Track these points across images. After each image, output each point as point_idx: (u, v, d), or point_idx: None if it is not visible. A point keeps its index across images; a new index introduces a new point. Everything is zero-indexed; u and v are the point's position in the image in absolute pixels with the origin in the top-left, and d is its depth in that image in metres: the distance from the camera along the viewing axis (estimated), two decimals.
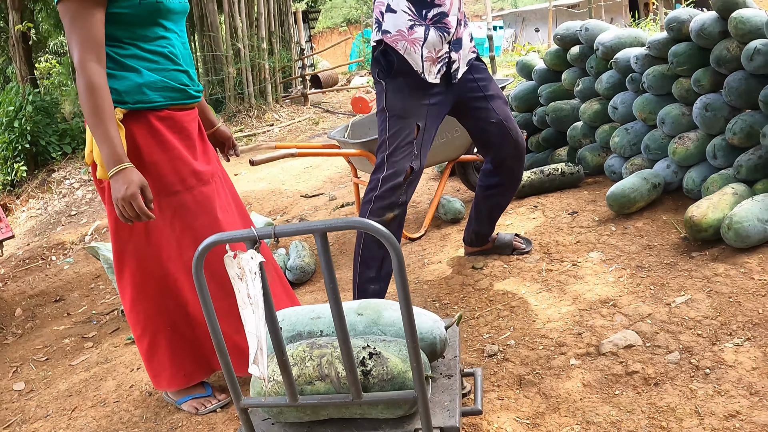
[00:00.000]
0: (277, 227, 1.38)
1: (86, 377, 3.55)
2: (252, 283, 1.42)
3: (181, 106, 2.63)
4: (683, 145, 3.95)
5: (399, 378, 1.68)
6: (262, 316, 1.43)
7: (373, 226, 1.36)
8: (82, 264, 6.36)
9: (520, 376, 2.60)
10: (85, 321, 4.66)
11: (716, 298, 2.83)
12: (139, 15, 2.45)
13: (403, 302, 1.39)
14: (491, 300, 3.25)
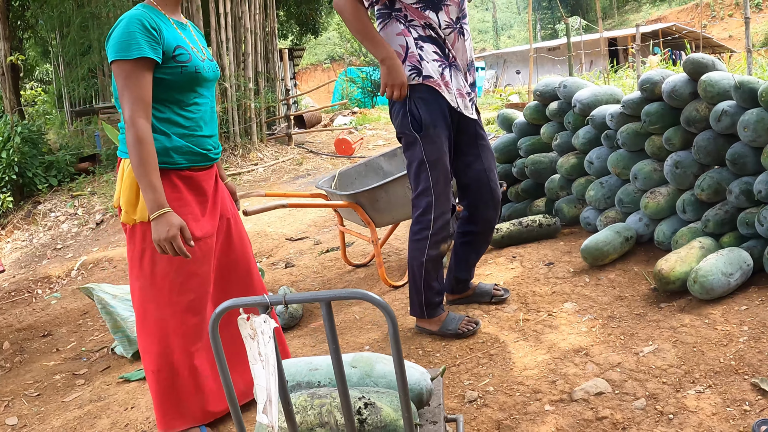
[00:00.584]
0: (288, 296, 1.56)
1: (80, 414, 3.59)
2: (264, 345, 1.59)
3: (202, 167, 2.93)
4: (655, 200, 4.17)
5: (391, 426, 1.86)
6: (273, 372, 1.60)
7: (373, 297, 1.54)
8: (70, 299, 6.36)
9: (499, 421, 2.76)
10: (75, 357, 4.68)
11: (681, 348, 3.02)
12: (178, 81, 2.76)
13: (397, 364, 1.58)
14: (471, 348, 3.41)
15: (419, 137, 3.29)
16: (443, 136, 3.32)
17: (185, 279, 2.89)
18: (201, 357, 3.01)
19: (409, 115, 3.29)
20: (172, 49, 2.74)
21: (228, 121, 12.82)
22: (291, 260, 5.88)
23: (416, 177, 3.36)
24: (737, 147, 3.78)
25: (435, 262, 3.43)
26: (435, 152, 3.30)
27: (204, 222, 2.91)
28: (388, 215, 4.38)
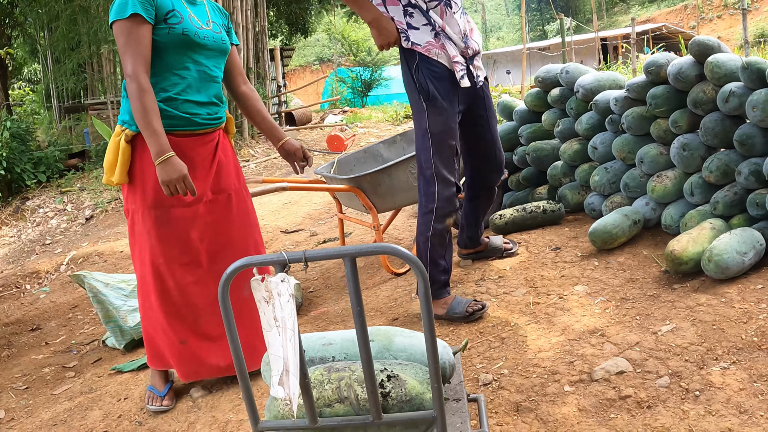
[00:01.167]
0: (308, 252, 1.45)
1: (70, 407, 3.52)
2: (281, 306, 1.47)
3: (185, 132, 3.00)
4: (661, 183, 4.07)
5: (417, 399, 1.73)
6: (290, 337, 1.48)
7: (401, 251, 1.43)
8: (59, 293, 6.28)
9: (517, 403, 2.66)
10: (65, 351, 4.60)
11: (700, 326, 2.93)
12: (167, 43, 2.88)
13: (426, 323, 1.46)
14: (481, 332, 3.31)
15: (426, 106, 3.31)
16: (450, 110, 3.34)
17: (166, 242, 3.06)
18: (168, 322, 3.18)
19: (417, 83, 3.31)
20: (165, 11, 2.88)
21: None
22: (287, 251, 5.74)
23: (421, 147, 3.38)
24: (745, 128, 3.70)
25: (441, 237, 3.43)
26: (440, 124, 3.32)
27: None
28: (390, 200, 4.27)
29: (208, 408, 3.22)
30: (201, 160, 3.08)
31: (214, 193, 3.12)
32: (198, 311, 3.19)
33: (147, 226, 3.04)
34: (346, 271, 1.46)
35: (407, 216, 5.93)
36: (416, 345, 1.94)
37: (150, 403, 3.29)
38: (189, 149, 3.02)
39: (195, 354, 3.22)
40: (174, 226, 3.05)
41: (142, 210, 3.03)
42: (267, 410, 1.87)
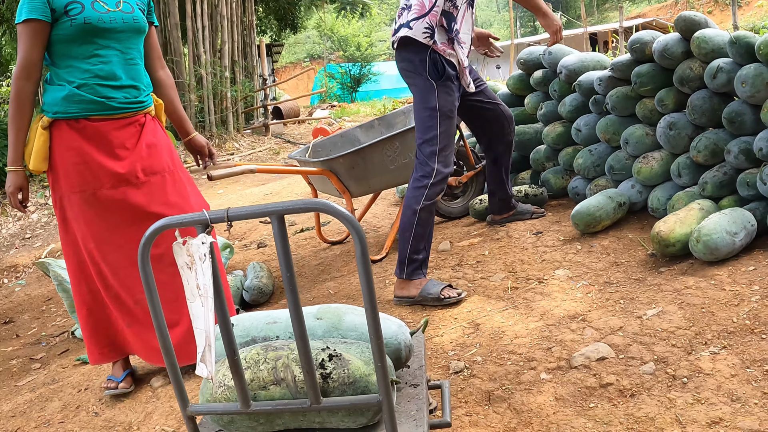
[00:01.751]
0: (231, 209, 1.27)
1: (31, 398, 3.42)
2: (202, 271, 1.29)
3: (101, 117, 2.95)
4: (648, 165, 3.92)
5: (361, 382, 1.54)
6: (212, 307, 1.30)
7: (336, 208, 1.25)
8: (35, 286, 6.21)
9: (489, 392, 2.48)
10: (35, 343, 4.52)
11: (688, 310, 2.75)
12: (71, 35, 2.85)
13: (366, 289, 1.27)
14: (455, 318, 3.14)
15: (436, 85, 3.41)
16: (456, 96, 3.50)
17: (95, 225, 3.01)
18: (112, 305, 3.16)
19: (431, 63, 3.40)
20: (64, 4, 2.84)
21: (204, 110, 12.52)
22: (264, 241, 5.61)
23: (425, 124, 3.44)
24: (735, 105, 3.55)
25: (429, 213, 3.45)
26: (449, 104, 3.44)
27: (108, 171, 2.95)
28: (364, 184, 4.09)
29: (167, 398, 3.10)
30: (122, 143, 3.02)
31: (146, 175, 3.05)
32: (135, 293, 3.12)
33: (75, 210, 3.00)
34: (274, 231, 1.27)
35: (387, 204, 5.79)
36: None
37: (107, 387, 3.22)
38: (108, 133, 2.98)
39: (140, 337, 3.17)
40: (102, 207, 3.00)
41: (68, 195, 2.99)
42: (201, 393, 1.68)
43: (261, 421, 1.61)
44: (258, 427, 1.63)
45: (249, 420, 1.61)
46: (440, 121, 3.39)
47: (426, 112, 3.42)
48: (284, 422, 1.62)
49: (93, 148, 2.93)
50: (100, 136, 2.94)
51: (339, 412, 1.56)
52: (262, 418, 1.60)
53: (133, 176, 2.99)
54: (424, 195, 3.39)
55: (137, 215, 3.01)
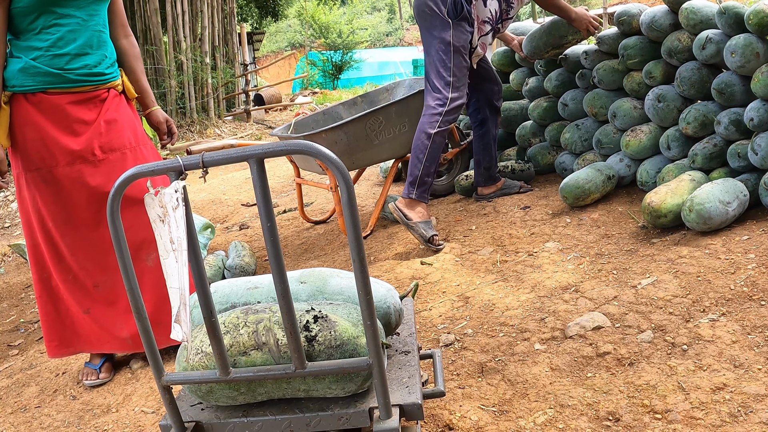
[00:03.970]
0: (206, 154, 1.16)
1: (8, 384, 3.33)
2: (175, 222, 1.19)
3: (58, 90, 2.84)
4: (636, 138, 3.84)
5: (350, 344, 1.43)
6: (185, 261, 1.20)
7: (321, 150, 1.15)
8: (13, 274, 6.06)
9: (481, 364, 2.40)
10: (13, 330, 4.40)
11: (684, 278, 2.68)
12: (27, 7, 2.74)
13: (353, 237, 1.17)
14: (444, 292, 3.06)
15: (452, 22, 3.64)
16: (468, 36, 3.73)
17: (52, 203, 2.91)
18: (68, 289, 3.05)
19: (454, 2, 3.62)
20: None
21: (184, 96, 12.36)
22: (246, 223, 5.50)
23: (440, 57, 3.67)
24: (724, 76, 3.47)
25: (442, 137, 3.68)
26: (462, 41, 3.67)
27: (63, 148, 2.87)
28: (347, 160, 3.99)
29: (147, 379, 3.03)
30: (80, 118, 2.91)
31: (104, 152, 2.94)
32: (95, 276, 3.03)
33: (31, 189, 2.92)
34: (252, 176, 1.17)
35: (371, 184, 5.73)
36: (355, 287, 1.64)
37: (86, 379, 3.13)
38: (65, 107, 2.88)
39: (99, 323, 3.08)
40: (59, 186, 2.90)
41: (26, 173, 2.91)
42: (177, 362, 1.58)
43: (242, 391, 1.51)
44: (239, 397, 1.53)
45: (229, 389, 1.50)
46: (454, 55, 3.64)
47: (441, 47, 3.65)
48: (267, 391, 1.52)
49: (49, 123, 2.85)
50: (57, 111, 2.85)
51: (326, 378, 1.46)
52: (243, 386, 1.50)
53: (90, 153, 2.89)
54: (439, 121, 3.61)
55: (95, 195, 2.91)
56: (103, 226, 2.95)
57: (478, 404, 2.16)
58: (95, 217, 2.94)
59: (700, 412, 1.93)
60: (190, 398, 1.70)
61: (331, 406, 1.53)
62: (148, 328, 1.39)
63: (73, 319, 3.09)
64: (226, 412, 1.60)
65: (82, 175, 2.88)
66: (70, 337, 3.11)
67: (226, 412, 1.59)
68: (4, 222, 8.91)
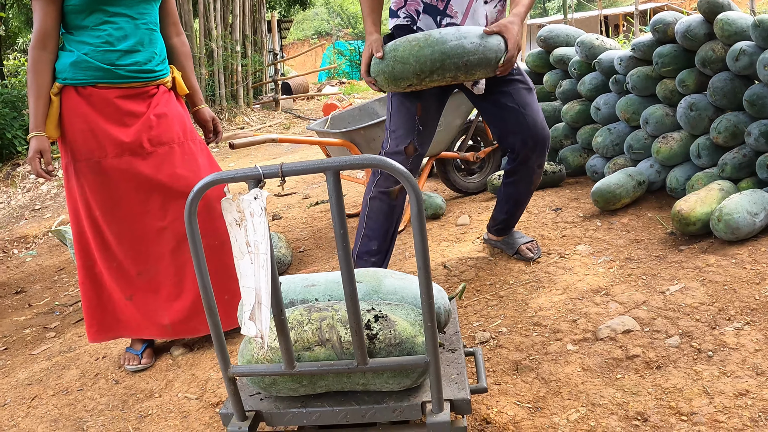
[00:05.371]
0: (285, 165, 1.27)
1: (48, 366, 3.41)
2: (253, 227, 1.30)
3: (109, 84, 2.93)
4: (667, 145, 3.91)
5: (407, 343, 1.55)
6: (263, 264, 1.31)
7: (391, 164, 1.25)
8: (46, 257, 6.16)
9: (516, 362, 2.50)
10: (48, 312, 4.48)
11: (711, 287, 2.76)
12: (82, 5, 2.83)
13: (419, 247, 1.28)
14: (478, 290, 3.15)
15: None
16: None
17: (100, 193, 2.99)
18: (111, 276, 3.14)
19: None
20: None
21: (214, 84, 12.48)
22: (279, 213, 5.60)
23: (388, 101, 3.08)
24: (756, 88, 3.52)
25: (379, 203, 2.95)
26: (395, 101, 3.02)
27: (112, 139, 2.94)
28: None
29: (188, 366, 3.10)
30: (130, 111, 2.98)
31: (153, 145, 3.01)
32: (139, 264, 3.12)
33: (80, 178, 3.00)
34: (329, 187, 1.28)
35: None
36: (408, 287, 1.75)
37: (127, 363, 3.21)
38: (115, 100, 2.96)
39: (141, 310, 3.17)
40: (107, 177, 2.98)
41: (74, 163, 2.98)
42: (240, 355, 1.69)
43: (303, 383, 1.62)
44: (300, 389, 1.65)
45: (291, 382, 1.62)
46: (393, 102, 3.01)
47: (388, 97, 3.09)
48: (327, 384, 1.63)
49: (99, 115, 2.92)
50: (107, 104, 2.93)
51: (384, 373, 1.57)
52: (305, 379, 1.61)
53: (138, 146, 2.96)
54: (375, 182, 2.98)
55: (142, 186, 2.99)
56: (148, 217, 3.03)
57: (513, 400, 2.26)
58: (141, 208, 3.02)
59: (723, 415, 2.01)
60: (249, 389, 1.82)
61: (385, 399, 1.64)
62: (218, 322, 1.50)
63: (115, 305, 3.17)
64: (285, 402, 1.71)
65: (130, 166, 2.96)
66: (111, 322, 3.20)
67: (285, 403, 1.71)
68: (34, 204, 9.04)
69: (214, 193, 3.07)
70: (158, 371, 3.13)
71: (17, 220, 8.36)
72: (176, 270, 3.08)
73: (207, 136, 3.36)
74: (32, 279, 5.45)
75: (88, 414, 2.82)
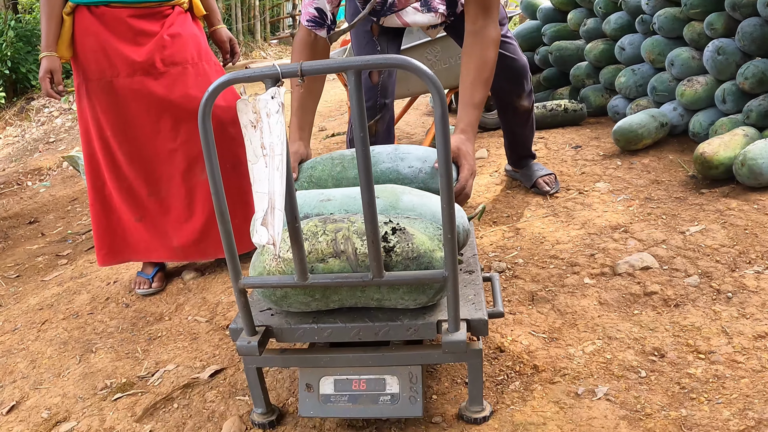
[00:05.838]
0: (304, 63, 1.21)
1: (59, 291, 3.43)
2: (269, 128, 1.24)
3: (121, 4, 2.88)
4: (692, 88, 3.80)
5: (425, 257, 1.49)
6: (277, 165, 1.25)
7: (415, 64, 1.19)
8: (59, 187, 6.19)
9: (532, 293, 2.46)
10: (60, 241, 4.51)
11: (731, 230, 2.70)
12: None
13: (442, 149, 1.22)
14: (494, 222, 3.12)
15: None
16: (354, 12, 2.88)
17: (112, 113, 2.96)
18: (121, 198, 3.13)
19: None
20: None
21: (231, 18, 12.34)
22: None
23: None
24: None
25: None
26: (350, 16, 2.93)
27: (125, 58, 2.91)
28: (404, 86, 4.01)
29: (199, 290, 3.11)
30: (142, 31, 2.94)
31: (165, 65, 2.97)
32: (149, 185, 3.10)
33: (91, 98, 2.97)
34: (349, 86, 1.21)
35: (420, 114, 5.76)
36: (427, 204, 1.69)
37: (138, 287, 3.23)
38: (127, 19, 2.91)
39: (151, 232, 3.17)
40: (118, 97, 2.95)
41: (86, 83, 2.95)
42: (252, 267, 1.64)
43: (316, 297, 1.58)
44: (312, 303, 1.60)
45: (304, 295, 1.58)
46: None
47: None
48: (340, 298, 1.59)
49: (111, 34, 2.88)
50: (119, 23, 2.89)
51: (400, 288, 1.52)
52: (318, 293, 1.57)
53: (151, 65, 2.93)
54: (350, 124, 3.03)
55: (154, 106, 2.96)
56: (160, 138, 3.00)
57: (528, 330, 2.23)
58: (153, 128, 2.98)
59: (742, 356, 1.97)
60: (259, 304, 1.78)
61: (399, 317, 1.60)
62: (230, 230, 1.45)
63: (125, 227, 3.17)
64: (296, 318, 1.67)
65: (142, 86, 2.92)
66: (120, 245, 3.20)
67: (296, 318, 1.67)
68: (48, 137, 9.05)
69: (228, 115, 3.02)
70: (169, 295, 3.14)
71: (31, 153, 8.38)
72: (187, 192, 3.05)
73: (224, 56, 3.33)
74: (46, 209, 5.49)
75: (98, 336, 2.84)
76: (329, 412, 1.74)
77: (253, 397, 1.88)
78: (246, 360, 1.75)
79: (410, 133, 5.18)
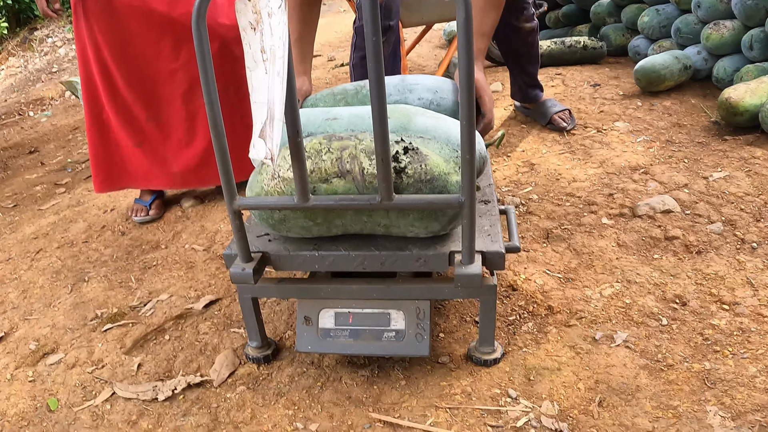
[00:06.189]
0: None
1: (55, 220, 3.35)
2: (270, 30, 1.10)
3: None
4: (718, 32, 3.63)
5: (440, 180, 1.35)
6: (278, 71, 1.11)
7: None
8: (61, 117, 6.11)
9: (547, 230, 2.35)
10: (60, 170, 4.42)
11: (756, 179, 2.57)
12: None
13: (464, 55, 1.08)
14: (509, 156, 3.01)
15: None
16: None
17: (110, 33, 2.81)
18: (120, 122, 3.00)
19: None
20: None
21: None
22: None
23: None
24: None
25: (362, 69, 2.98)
26: None
27: None
28: (417, 14, 3.82)
29: (198, 218, 3.02)
30: None
31: None
32: (148, 109, 2.97)
33: (89, 18, 2.81)
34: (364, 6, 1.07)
35: (432, 46, 5.65)
36: (441, 127, 1.55)
37: (135, 215, 3.14)
38: None
39: (149, 158, 3.07)
40: (117, 15, 2.79)
41: (83, 2, 2.79)
42: (249, 188, 1.51)
43: (318, 221, 1.45)
44: (313, 228, 1.47)
45: (304, 218, 1.44)
46: None
47: None
48: (344, 223, 1.46)
49: None
50: None
51: (410, 214, 1.39)
52: (320, 216, 1.43)
53: None
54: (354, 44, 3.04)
55: (155, 25, 2.80)
56: (160, 58, 2.86)
57: (543, 269, 2.12)
58: (153, 48, 2.84)
59: None
60: (257, 229, 1.66)
61: (408, 246, 1.47)
62: (224, 143, 1.31)
63: (122, 153, 3.06)
64: (295, 244, 1.55)
65: (143, 3, 2.76)
66: (118, 172, 3.10)
67: (295, 245, 1.55)
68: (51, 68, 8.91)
69: (232, 34, 2.86)
70: (166, 223, 3.06)
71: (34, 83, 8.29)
72: (187, 115, 2.92)
73: None
74: (46, 139, 5.41)
75: (91, 265, 2.77)
76: (328, 348, 1.64)
77: (247, 329, 1.77)
78: (240, 289, 1.63)
79: (422, 65, 5.08)
